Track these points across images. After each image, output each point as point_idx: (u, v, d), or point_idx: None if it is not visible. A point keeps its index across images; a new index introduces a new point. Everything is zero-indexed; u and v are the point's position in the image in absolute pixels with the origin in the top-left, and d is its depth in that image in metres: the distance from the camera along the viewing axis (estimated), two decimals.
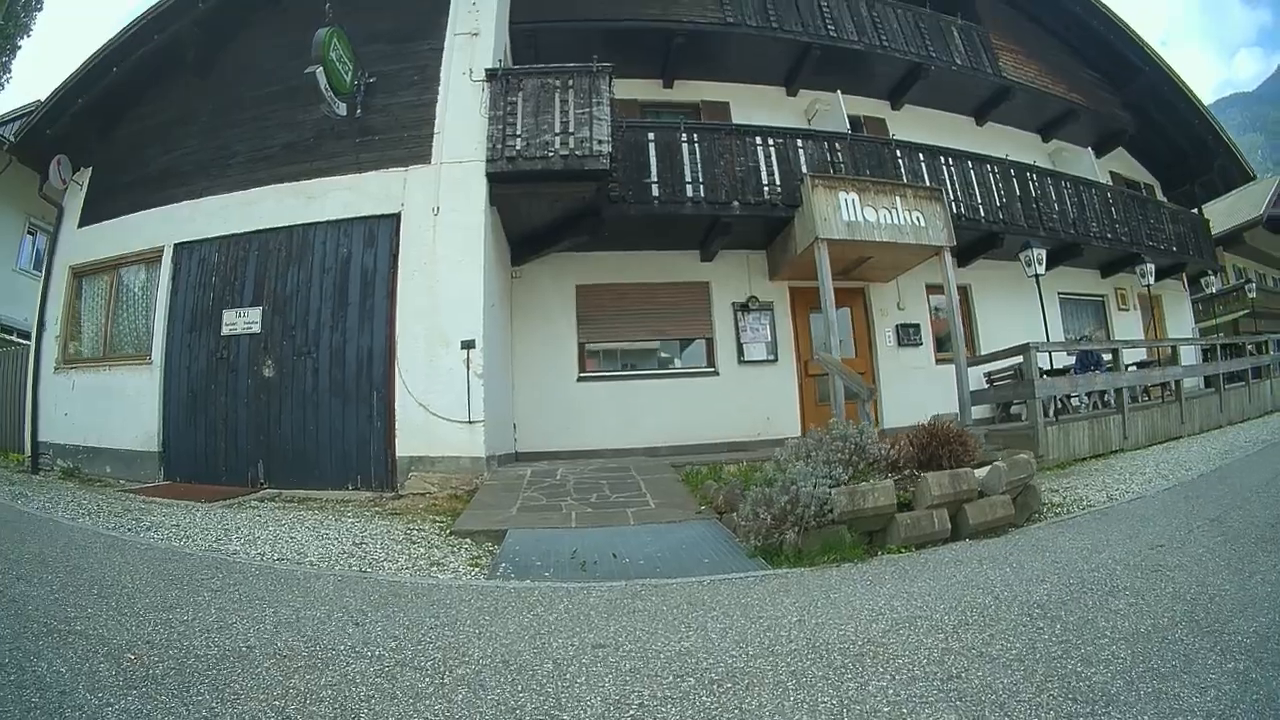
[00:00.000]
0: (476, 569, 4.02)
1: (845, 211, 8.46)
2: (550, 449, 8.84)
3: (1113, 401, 9.24)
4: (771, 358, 9.87)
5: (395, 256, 7.23)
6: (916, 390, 10.53)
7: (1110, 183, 13.03)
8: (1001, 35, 12.23)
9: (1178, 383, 9.55)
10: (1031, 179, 11.02)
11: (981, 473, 4.74)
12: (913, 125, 11.25)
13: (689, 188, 8.78)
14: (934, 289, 11.13)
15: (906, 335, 10.65)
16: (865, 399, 6.82)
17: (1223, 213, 16.25)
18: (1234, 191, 15.27)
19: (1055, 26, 12.95)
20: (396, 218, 7.34)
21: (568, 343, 9.49)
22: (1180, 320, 14.25)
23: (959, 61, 11.40)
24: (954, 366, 8.84)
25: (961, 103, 12.04)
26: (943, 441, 4.92)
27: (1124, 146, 14.17)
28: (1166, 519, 4.58)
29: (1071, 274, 12.49)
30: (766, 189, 9.00)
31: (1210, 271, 14.15)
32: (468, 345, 6.87)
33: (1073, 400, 10.08)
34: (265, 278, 7.63)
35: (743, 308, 9.92)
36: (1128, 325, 13.08)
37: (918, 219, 8.94)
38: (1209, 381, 11.12)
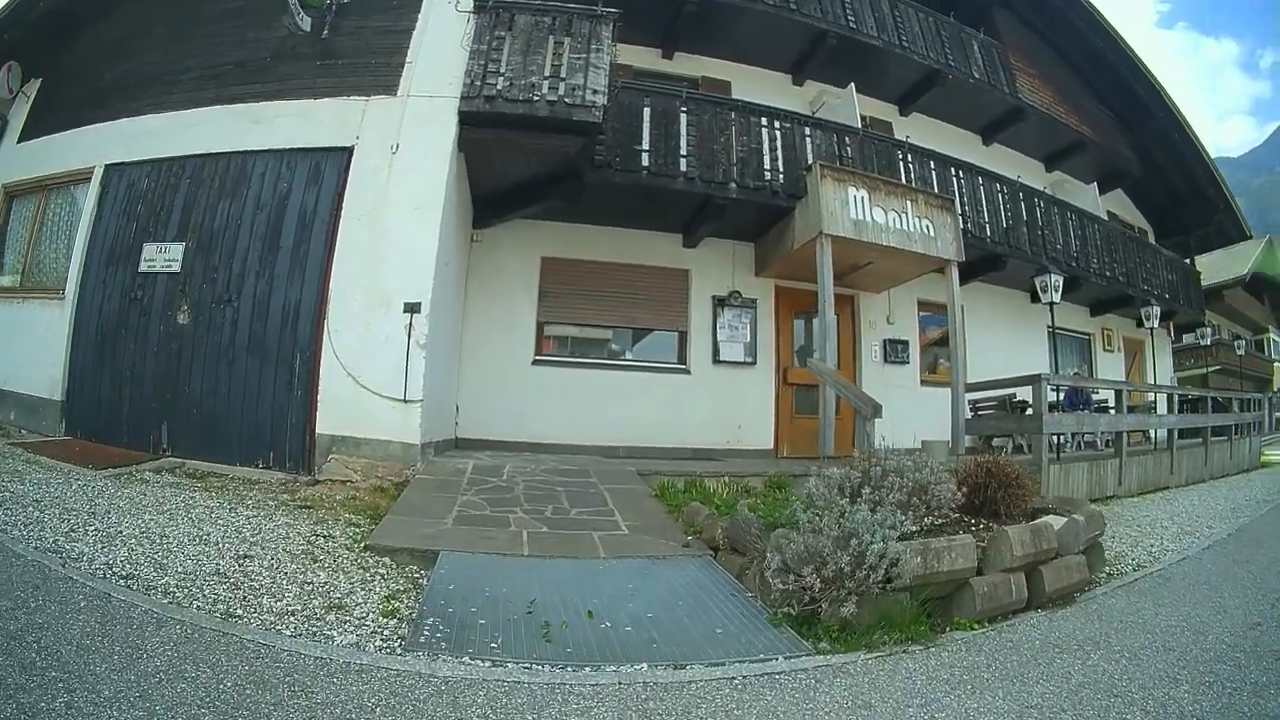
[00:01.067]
0: (391, 624, 2.86)
1: (853, 208, 7.74)
2: (496, 438, 7.79)
3: (1104, 444, 8.72)
4: (749, 360, 9.11)
5: (340, 197, 6.21)
6: (900, 411, 9.73)
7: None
8: (1019, 57, 11.77)
9: (1171, 431, 9.08)
10: (1039, 205, 10.55)
11: (1057, 524, 3.93)
12: (919, 134, 10.56)
13: (683, 161, 7.91)
14: (926, 306, 10.56)
15: (894, 351, 10.02)
16: (869, 415, 6.13)
17: (1205, 268, 16.10)
18: (1219, 250, 15.08)
19: (1075, 58, 12.53)
20: (348, 153, 6.33)
21: (525, 320, 8.48)
22: (1161, 368, 13.99)
23: (976, 75, 10.81)
24: (949, 390, 8.23)
25: (971, 119, 11.47)
26: (1002, 483, 4.11)
27: (1124, 188, 13.89)
28: (1233, 587, 4.07)
29: (1062, 309, 12.00)
30: (768, 174, 8.20)
31: (1202, 324, 13.88)
32: (412, 309, 5.88)
33: (1061, 440, 9.57)
34: (194, 210, 6.62)
35: (723, 302, 9.11)
36: (1111, 366, 12.78)
37: (927, 227, 8.29)
38: (1193, 433, 10.72)
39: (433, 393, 6.11)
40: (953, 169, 9.50)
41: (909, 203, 8.18)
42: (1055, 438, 8.01)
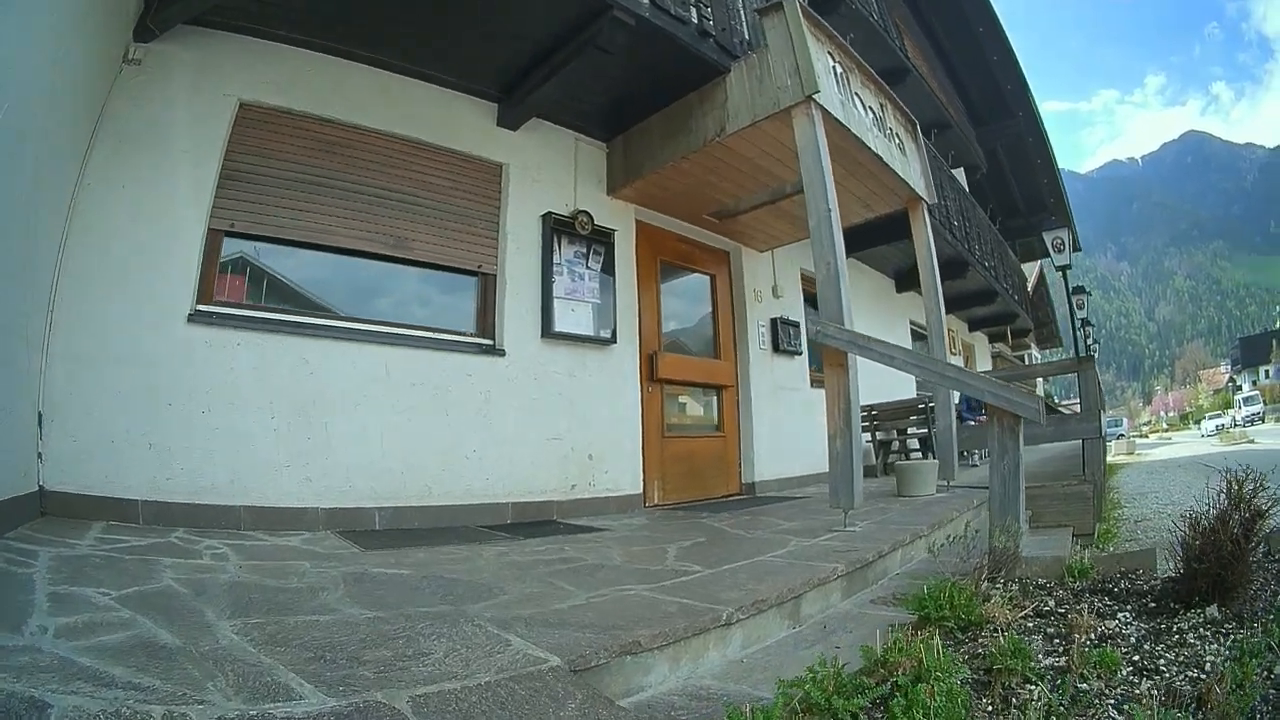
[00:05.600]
0: None
1: (835, 85, 4.58)
2: (121, 489, 3.49)
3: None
4: (605, 335, 5.48)
5: None
6: (792, 422, 6.97)
7: None
8: (900, 18, 10.65)
9: None
10: (943, 170, 8.63)
11: None
12: None
13: None
14: (809, 280, 7.86)
15: (786, 337, 7.17)
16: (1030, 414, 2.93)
17: None
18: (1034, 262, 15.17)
19: (948, 43, 11.03)
20: None
21: (186, 224, 3.94)
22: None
23: (875, 16, 8.84)
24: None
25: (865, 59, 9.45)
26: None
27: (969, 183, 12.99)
28: None
29: (912, 301, 10.37)
30: (694, 3, 4.66)
31: (1030, 332, 13.48)
32: None
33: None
34: None
35: (563, 228, 5.39)
36: None
37: (900, 145, 5.51)
38: None
39: None
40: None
41: (885, 104, 5.32)
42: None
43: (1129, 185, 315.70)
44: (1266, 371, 66.64)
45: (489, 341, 4.99)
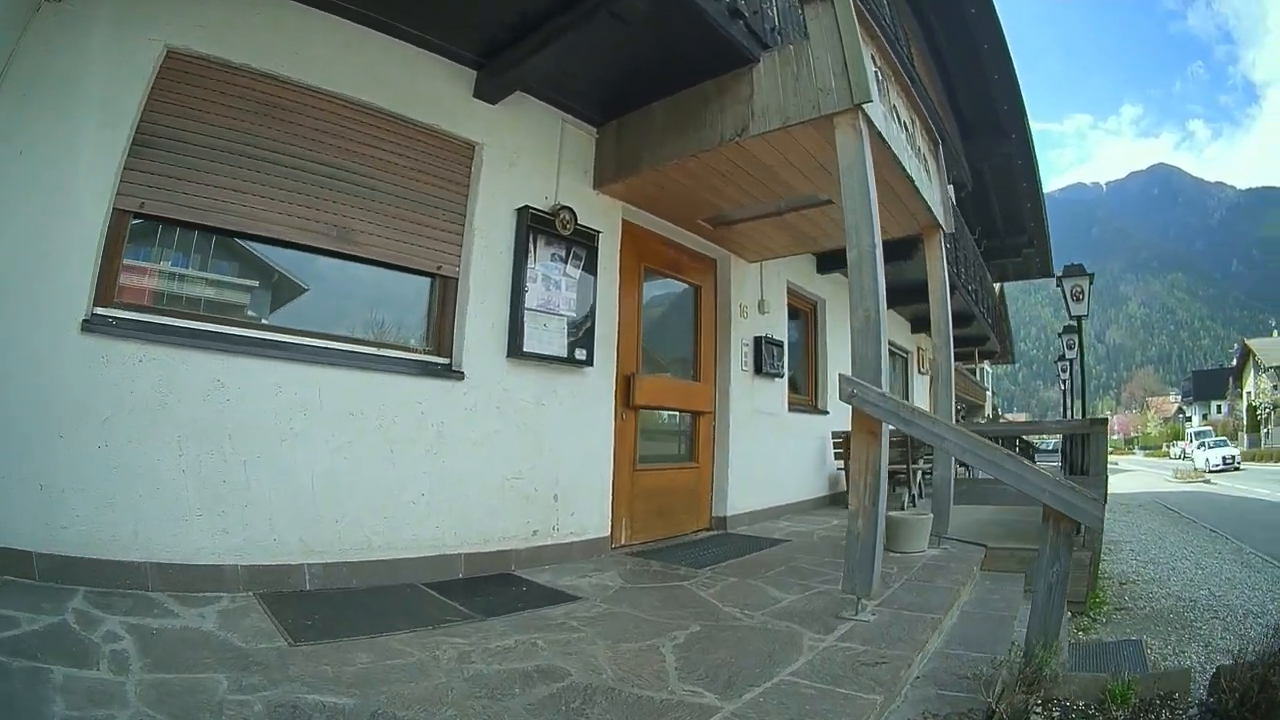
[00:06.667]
0: None
1: (877, 93, 4.01)
2: (10, 536, 2.83)
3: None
4: (580, 356, 4.75)
5: None
6: (765, 449, 6.48)
7: None
8: (907, 26, 9.89)
9: None
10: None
11: None
12: None
13: None
14: (795, 296, 7.38)
15: (769, 359, 6.59)
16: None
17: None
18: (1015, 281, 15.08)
19: (950, 57, 10.54)
20: None
21: (83, 203, 3.08)
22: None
23: (885, 20, 8.29)
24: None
25: None
26: None
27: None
28: None
29: (893, 321, 9.98)
30: None
31: (995, 354, 13.38)
32: None
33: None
34: None
35: (541, 226, 4.65)
36: (921, 389, 11.16)
37: (928, 167, 4.96)
38: None
39: None
40: None
41: (915, 119, 4.81)
42: None
43: (1091, 209, 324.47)
44: (1219, 407, 68.67)
45: (444, 361, 4.24)
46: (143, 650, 2.40)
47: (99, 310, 3.08)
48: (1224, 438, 38.76)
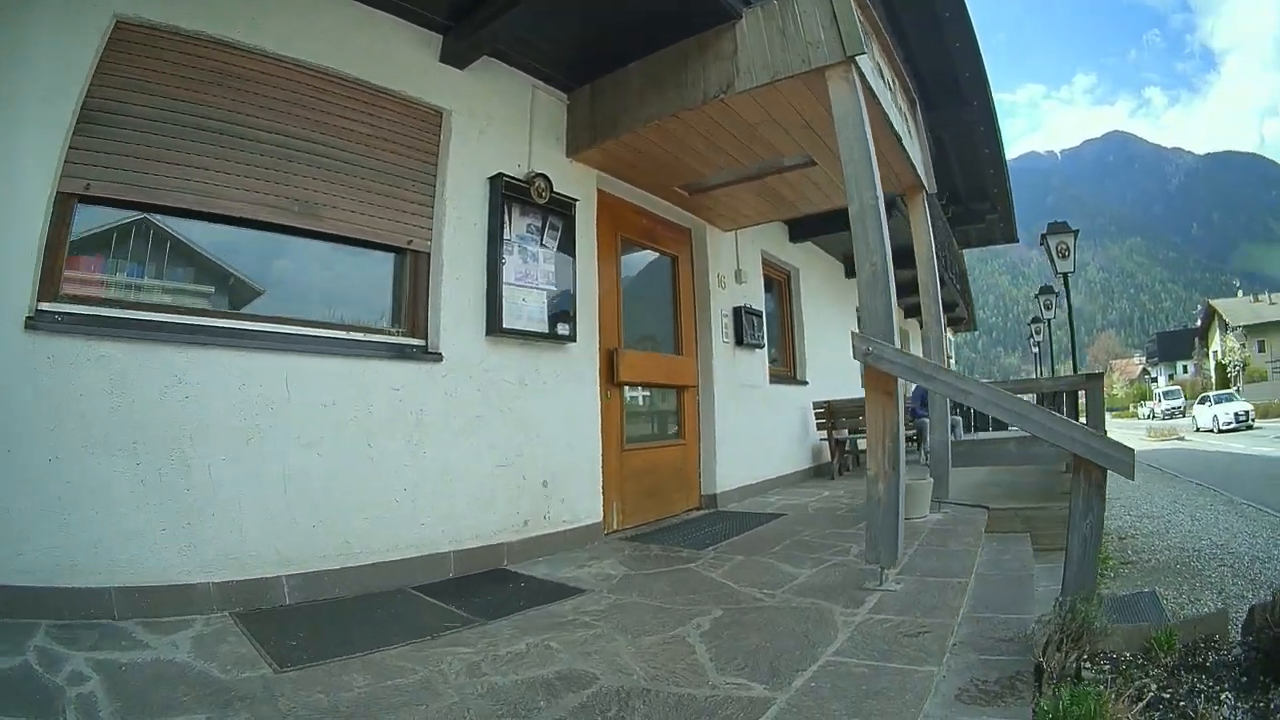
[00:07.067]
0: None
1: (867, 53, 3.81)
2: None
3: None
4: (563, 331, 4.51)
5: None
6: (752, 423, 6.36)
7: None
8: None
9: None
10: None
11: None
12: None
13: None
14: (770, 266, 7.26)
15: (750, 329, 6.43)
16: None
17: None
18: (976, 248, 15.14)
19: (909, 22, 10.31)
20: None
21: (25, 186, 2.72)
22: None
23: None
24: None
25: None
26: None
27: None
28: None
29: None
30: None
31: (962, 321, 13.43)
32: None
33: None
34: None
35: (516, 195, 4.39)
36: None
37: (908, 126, 4.85)
38: None
39: None
40: None
41: (895, 79, 4.78)
42: None
43: (1045, 177, 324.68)
44: (1185, 367, 70.25)
45: (420, 342, 3.94)
46: (112, 691, 2.10)
47: (43, 306, 2.70)
48: (1231, 390, 35.45)
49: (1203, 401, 29.16)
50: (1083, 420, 5.70)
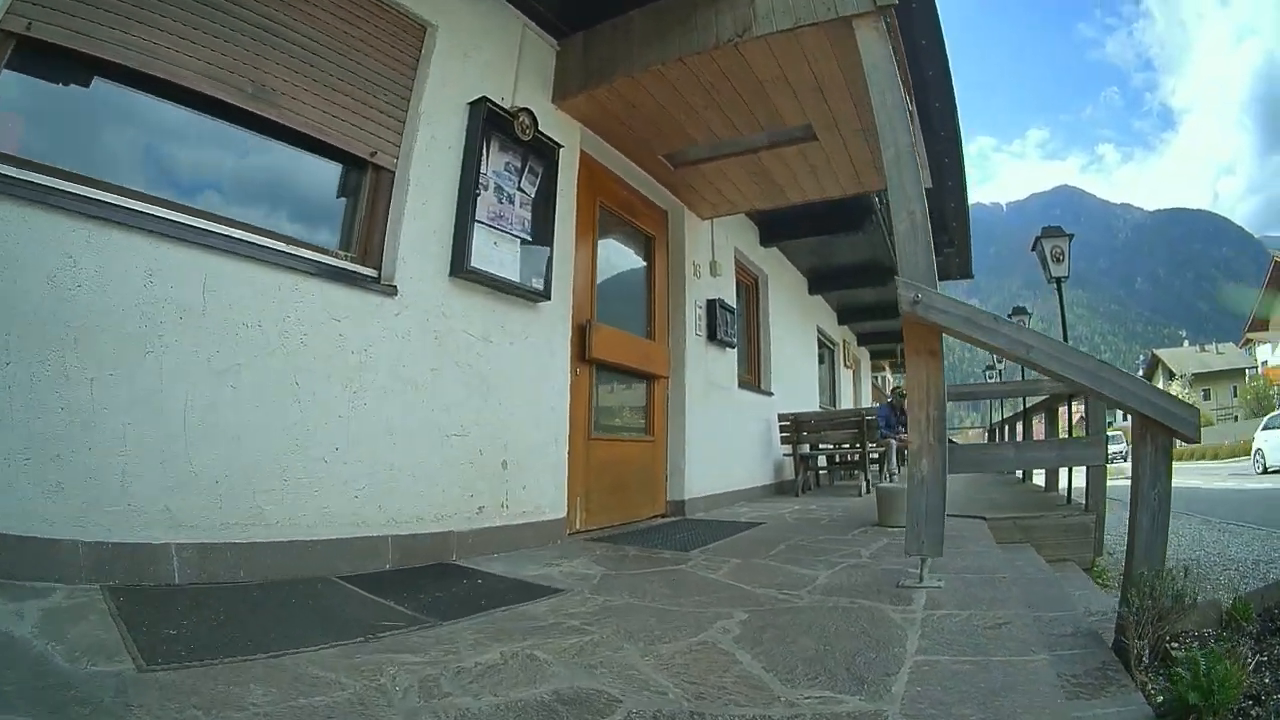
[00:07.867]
0: None
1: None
2: None
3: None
4: (536, 285, 3.96)
5: None
6: (723, 428, 5.95)
7: None
8: None
9: None
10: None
11: None
12: None
13: None
14: (741, 268, 7.00)
15: (723, 325, 6.03)
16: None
17: None
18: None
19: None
20: None
21: None
22: (865, 392, 13.05)
23: None
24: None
25: None
26: None
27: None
28: None
29: (816, 305, 9.83)
30: None
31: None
32: None
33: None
34: None
35: (498, 126, 3.86)
36: (846, 384, 10.99)
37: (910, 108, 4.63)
38: None
39: None
40: None
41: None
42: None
43: (989, 228, 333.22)
44: (1124, 415, 74.73)
45: (372, 271, 3.27)
46: None
47: None
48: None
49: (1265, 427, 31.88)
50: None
